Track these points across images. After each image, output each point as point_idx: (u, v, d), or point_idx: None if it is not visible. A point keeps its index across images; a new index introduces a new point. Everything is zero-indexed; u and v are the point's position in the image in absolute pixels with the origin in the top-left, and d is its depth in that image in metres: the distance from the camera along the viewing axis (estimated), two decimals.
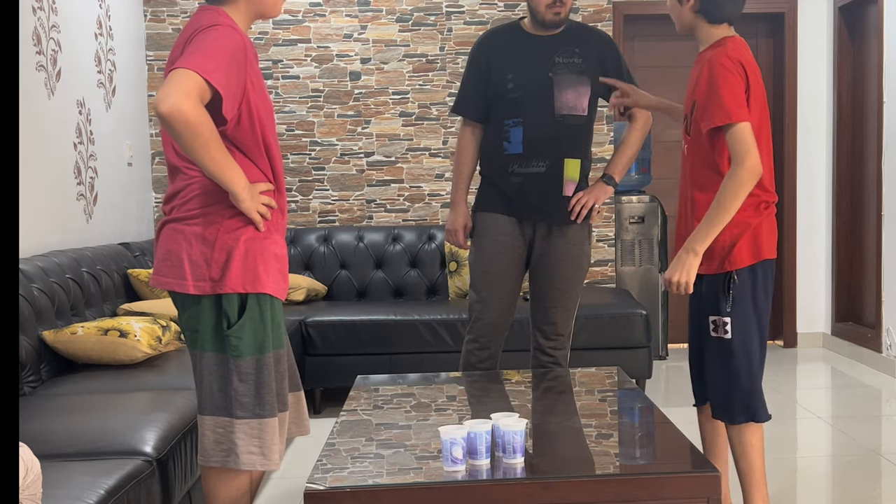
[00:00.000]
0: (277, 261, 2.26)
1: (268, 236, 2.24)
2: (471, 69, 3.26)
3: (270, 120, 2.27)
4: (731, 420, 2.65)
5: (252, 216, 2.18)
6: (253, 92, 2.17)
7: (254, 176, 2.22)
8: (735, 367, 2.62)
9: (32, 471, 1.76)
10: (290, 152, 5.34)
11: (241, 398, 2.20)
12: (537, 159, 3.16)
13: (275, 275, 2.25)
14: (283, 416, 2.32)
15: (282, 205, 2.32)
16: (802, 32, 5.78)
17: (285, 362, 2.34)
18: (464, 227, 3.31)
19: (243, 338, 2.19)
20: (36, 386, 3.10)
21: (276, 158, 2.29)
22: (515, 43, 3.21)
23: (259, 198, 2.20)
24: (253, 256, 2.20)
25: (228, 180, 2.11)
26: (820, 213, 5.85)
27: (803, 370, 5.40)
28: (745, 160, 2.46)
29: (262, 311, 2.21)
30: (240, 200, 2.16)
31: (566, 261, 3.25)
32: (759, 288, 2.64)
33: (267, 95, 2.27)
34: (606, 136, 5.40)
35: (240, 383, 2.20)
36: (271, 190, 2.26)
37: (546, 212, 3.22)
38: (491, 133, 3.23)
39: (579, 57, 3.18)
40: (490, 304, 3.26)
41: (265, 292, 2.21)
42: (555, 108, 3.15)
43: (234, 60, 2.09)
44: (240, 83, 2.12)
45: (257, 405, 2.21)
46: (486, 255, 3.25)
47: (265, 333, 2.22)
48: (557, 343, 3.32)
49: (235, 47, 2.11)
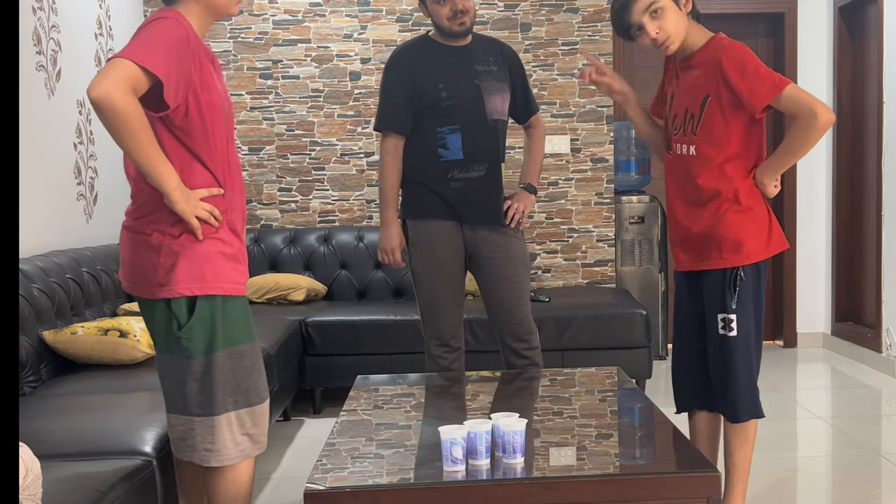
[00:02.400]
0: (228, 259, 2.26)
1: (214, 237, 2.23)
2: (395, 84, 3.30)
3: (225, 122, 2.26)
4: (737, 418, 2.64)
5: (189, 220, 2.17)
6: (202, 88, 2.17)
7: (199, 176, 2.21)
8: (740, 364, 2.62)
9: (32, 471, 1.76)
10: (290, 152, 5.34)
11: (195, 396, 2.23)
12: (477, 164, 3.27)
13: (225, 273, 2.24)
14: (260, 408, 2.32)
15: (238, 203, 2.31)
16: (802, 32, 5.78)
17: (254, 356, 2.33)
18: (399, 246, 3.35)
19: (193, 339, 2.21)
20: (36, 386, 3.10)
21: (230, 156, 2.28)
22: (435, 55, 3.30)
23: (199, 203, 2.18)
24: (198, 259, 2.20)
25: (159, 175, 2.11)
26: (820, 213, 5.85)
27: (803, 370, 5.40)
28: (815, 111, 2.49)
29: (213, 312, 2.22)
30: (172, 201, 2.14)
31: (515, 258, 3.34)
32: (761, 285, 2.65)
33: (222, 99, 2.25)
34: (606, 136, 5.40)
35: (193, 382, 2.23)
36: (219, 195, 2.24)
37: (488, 214, 3.31)
38: (421, 142, 3.28)
39: (495, 65, 3.33)
40: (450, 309, 3.34)
41: (213, 294, 2.21)
42: (486, 113, 3.28)
43: (175, 50, 2.10)
44: (182, 71, 2.11)
45: (209, 403, 2.23)
46: (436, 262, 3.31)
47: (215, 333, 2.22)
48: (531, 341, 3.37)
49: (177, 38, 2.11)
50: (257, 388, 2.32)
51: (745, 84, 2.52)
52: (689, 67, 2.66)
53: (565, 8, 5.34)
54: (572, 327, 4.47)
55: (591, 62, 2.89)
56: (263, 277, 4.88)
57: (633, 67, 5.81)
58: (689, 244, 2.69)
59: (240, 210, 2.34)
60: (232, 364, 2.25)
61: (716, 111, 2.59)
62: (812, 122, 2.49)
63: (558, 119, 5.37)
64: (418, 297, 3.38)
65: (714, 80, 2.57)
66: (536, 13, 5.33)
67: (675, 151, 2.70)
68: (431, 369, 3.36)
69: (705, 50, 2.62)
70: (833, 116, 2.51)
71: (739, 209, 2.60)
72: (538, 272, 5.41)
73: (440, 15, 3.22)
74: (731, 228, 2.59)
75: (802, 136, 2.52)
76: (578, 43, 5.35)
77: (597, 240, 5.46)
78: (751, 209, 2.60)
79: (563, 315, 4.48)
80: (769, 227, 2.64)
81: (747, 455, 2.68)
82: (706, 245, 2.63)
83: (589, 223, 5.44)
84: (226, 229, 2.26)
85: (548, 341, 4.31)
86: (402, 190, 3.37)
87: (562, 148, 5.38)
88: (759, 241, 2.61)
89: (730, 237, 2.59)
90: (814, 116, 2.48)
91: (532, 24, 5.34)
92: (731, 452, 2.68)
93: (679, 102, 2.69)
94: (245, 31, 5.28)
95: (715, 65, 2.56)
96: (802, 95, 2.51)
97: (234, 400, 2.26)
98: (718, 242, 2.60)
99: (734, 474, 2.68)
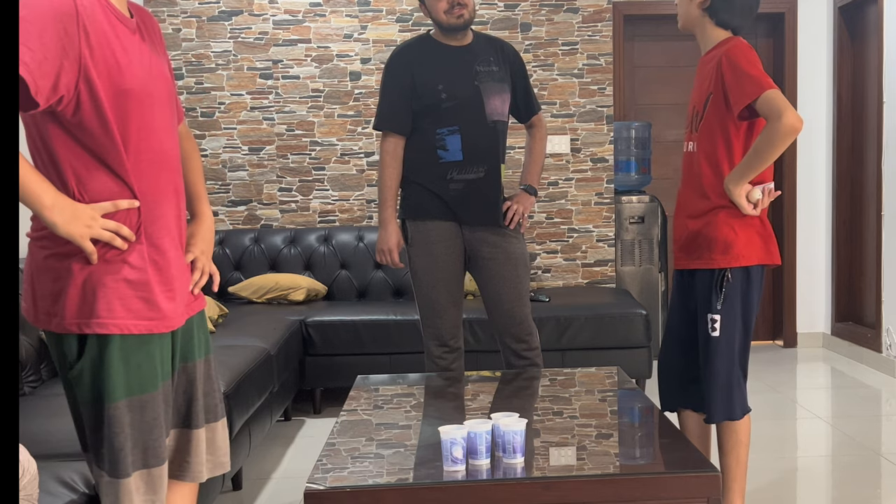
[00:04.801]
0: (134, 287, 1.80)
1: (117, 260, 1.78)
2: (393, 84, 3.29)
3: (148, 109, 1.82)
4: (710, 418, 2.67)
5: (80, 244, 1.72)
6: (103, 71, 1.72)
7: (101, 183, 1.77)
8: (719, 365, 2.64)
9: (29, 471, 1.76)
10: (291, 152, 5.34)
11: (93, 446, 1.84)
12: (477, 165, 3.26)
13: (127, 306, 1.78)
14: (158, 471, 1.87)
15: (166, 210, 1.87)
16: (802, 32, 5.78)
17: (157, 409, 1.85)
18: (397, 246, 3.35)
19: (81, 384, 1.79)
20: (36, 386, 3.10)
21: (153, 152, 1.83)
22: (435, 55, 3.29)
23: (95, 222, 1.73)
24: (92, 288, 1.76)
25: (25, 193, 1.67)
26: (820, 213, 5.85)
27: (803, 370, 5.40)
28: (781, 115, 2.42)
29: (103, 355, 1.77)
30: (53, 224, 1.69)
31: (515, 259, 3.33)
32: (751, 289, 2.64)
33: (138, 81, 1.78)
34: (606, 136, 5.40)
35: (90, 433, 1.83)
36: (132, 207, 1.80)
37: (487, 216, 3.30)
38: (420, 143, 3.28)
39: (495, 65, 3.32)
40: (449, 310, 3.34)
41: (105, 332, 1.76)
42: (486, 114, 3.27)
43: (50, 29, 1.64)
44: (58, 56, 1.65)
45: (108, 461, 1.81)
46: (435, 263, 3.31)
47: (108, 381, 1.78)
48: (531, 342, 3.37)
49: (54, 12, 1.65)
50: (156, 448, 1.86)
51: (734, 81, 2.51)
52: (703, 64, 2.69)
53: (565, 8, 5.34)
54: (572, 327, 4.47)
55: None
56: (263, 277, 4.88)
57: (633, 67, 5.82)
58: (684, 242, 2.70)
59: (173, 217, 1.90)
60: (130, 417, 1.81)
61: (716, 110, 2.59)
62: (776, 125, 2.43)
63: (558, 119, 5.37)
64: (417, 297, 3.38)
65: (716, 78, 2.58)
66: (536, 13, 5.33)
67: (685, 148, 2.73)
68: (431, 369, 3.36)
69: (716, 48, 2.63)
70: (800, 125, 2.44)
71: (734, 212, 2.60)
72: (538, 272, 5.41)
73: (438, 8, 3.21)
74: (721, 229, 2.60)
75: (766, 139, 2.47)
76: (578, 43, 5.36)
77: (597, 240, 5.46)
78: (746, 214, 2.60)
79: (563, 315, 4.48)
80: (764, 235, 2.64)
81: (741, 456, 2.69)
82: (699, 244, 2.65)
83: (589, 223, 5.44)
84: (140, 249, 1.81)
85: (548, 341, 4.32)
86: (402, 190, 3.37)
87: (562, 148, 5.38)
88: (751, 247, 2.61)
89: (720, 238, 2.60)
90: (778, 119, 2.42)
91: (532, 24, 5.34)
92: (724, 454, 2.70)
93: (691, 100, 2.73)
94: (245, 31, 5.28)
95: (718, 63, 2.57)
96: (778, 100, 2.45)
97: (132, 460, 1.82)
98: (709, 242, 2.62)
99: (730, 476, 2.69)
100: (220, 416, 2.09)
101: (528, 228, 5.07)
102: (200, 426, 2.01)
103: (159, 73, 1.87)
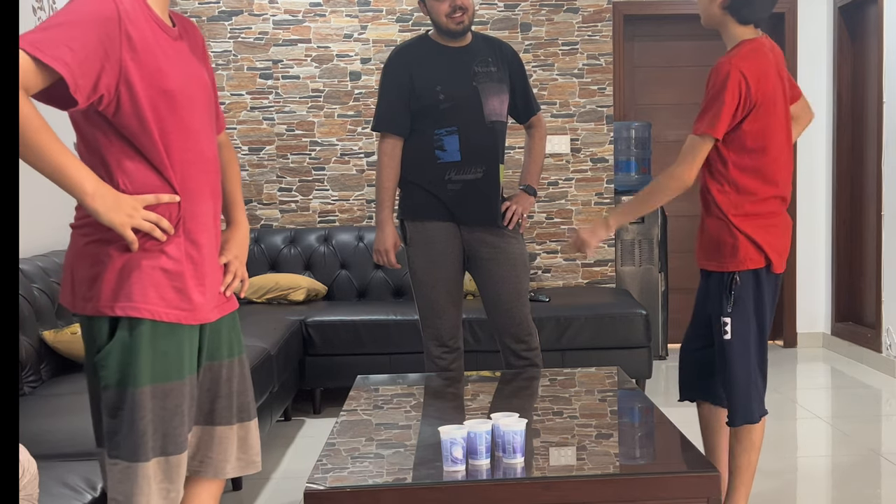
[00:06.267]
0: (170, 277, 1.85)
1: (156, 249, 1.85)
2: (392, 85, 3.29)
3: (187, 112, 1.88)
4: (732, 422, 2.65)
5: (122, 232, 1.78)
6: (143, 74, 1.79)
7: (147, 177, 1.85)
8: (735, 369, 2.62)
9: (29, 471, 1.76)
10: (290, 152, 5.34)
11: (110, 434, 1.84)
12: (475, 166, 3.27)
13: (161, 294, 1.84)
14: (176, 459, 1.88)
15: (204, 208, 1.94)
16: (802, 32, 5.78)
17: (180, 398, 1.89)
18: (394, 247, 3.36)
19: (108, 367, 1.82)
20: (36, 386, 3.10)
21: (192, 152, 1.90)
22: (433, 56, 3.30)
23: (137, 212, 1.80)
24: (128, 273, 1.82)
25: (68, 181, 1.74)
26: (820, 213, 5.85)
27: (803, 370, 5.40)
28: (681, 164, 2.56)
29: (134, 338, 1.82)
30: (95, 212, 1.77)
31: (514, 259, 3.34)
32: (762, 291, 2.64)
33: (178, 83, 1.86)
34: (606, 136, 5.40)
35: (108, 418, 1.84)
36: (172, 202, 1.86)
37: (485, 216, 3.30)
38: (419, 143, 3.28)
39: (493, 66, 3.32)
40: (448, 310, 3.34)
41: (138, 316, 1.82)
42: (484, 115, 3.27)
43: (93, 32, 1.71)
44: (99, 58, 1.73)
45: (125, 446, 1.82)
46: (434, 263, 3.31)
47: (134, 364, 1.81)
48: (530, 342, 3.38)
49: (97, 17, 1.72)
50: (176, 436, 1.88)
51: (703, 102, 2.56)
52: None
53: (565, 8, 5.34)
54: (572, 327, 4.47)
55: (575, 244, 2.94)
56: (263, 277, 4.88)
57: (632, 67, 5.82)
58: (701, 241, 2.71)
59: (210, 217, 1.96)
60: (153, 404, 1.84)
61: None
62: (670, 170, 2.60)
63: (558, 119, 5.37)
64: (417, 298, 3.38)
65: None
66: (536, 13, 5.33)
67: None
68: (430, 370, 3.36)
69: (729, 53, 2.61)
70: (689, 182, 2.58)
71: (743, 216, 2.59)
72: (538, 272, 5.41)
73: (438, 11, 3.21)
74: (731, 232, 2.59)
75: (656, 185, 2.64)
76: (578, 43, 5.35)
77: None
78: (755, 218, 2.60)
79: (563, 315, 4.48)
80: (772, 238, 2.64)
81: (752, 460, 2.67)
82: (712, 246, 2.65)
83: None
84: (178, 242, 1.88)
85: (548, 341, 4.31)
86: (400, 191, 3.37)
87: (562, 148, 5.38)
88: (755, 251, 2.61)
89: (729, 241, 2.60)
90: (677, 165, 2.58)
91: (532, 24, 5.34)
92: (735, 455, 2.69)
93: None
94: (245, 31, 5.28)
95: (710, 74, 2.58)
96: (692, 148, 2.56)
97: (152, 446, 1.85)
98: (719, 245, 2.61)
99: (737, 478, 2.68)
100: (252, 416, 2.10)
101: (527, 228, 5.06)
102: (223, 424, 2.03)
103: (199, 80, 1.94)
